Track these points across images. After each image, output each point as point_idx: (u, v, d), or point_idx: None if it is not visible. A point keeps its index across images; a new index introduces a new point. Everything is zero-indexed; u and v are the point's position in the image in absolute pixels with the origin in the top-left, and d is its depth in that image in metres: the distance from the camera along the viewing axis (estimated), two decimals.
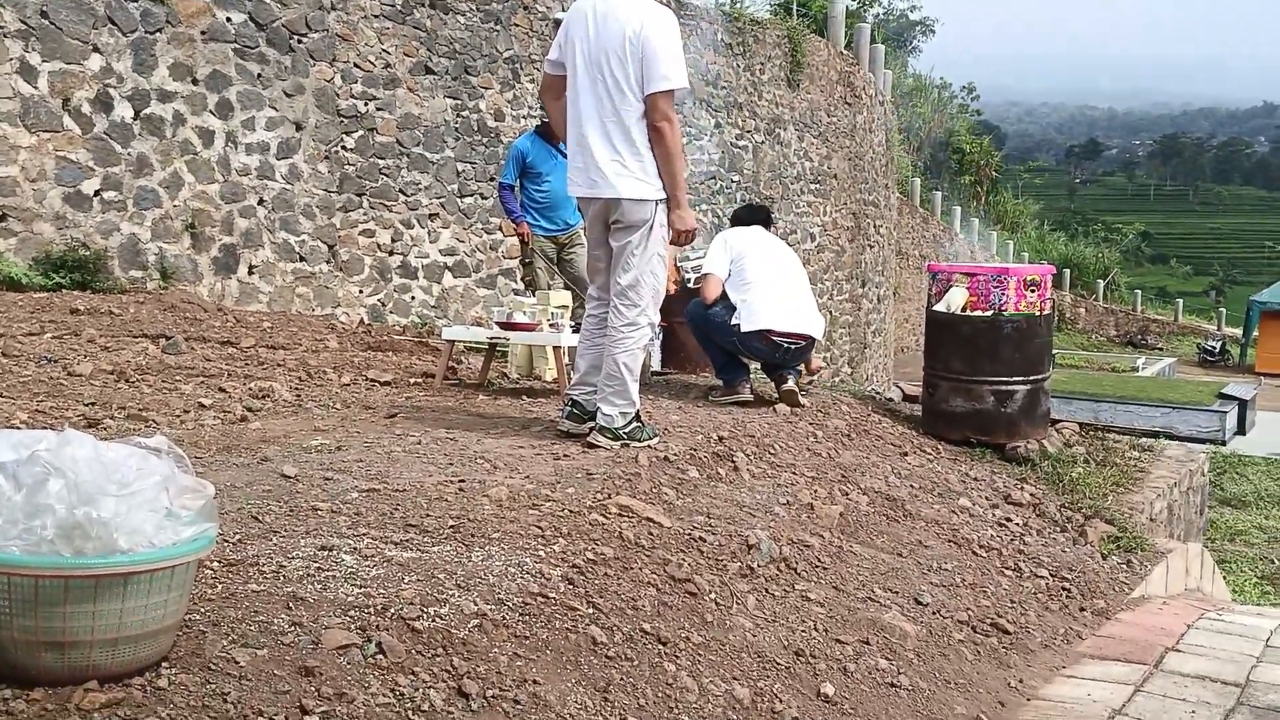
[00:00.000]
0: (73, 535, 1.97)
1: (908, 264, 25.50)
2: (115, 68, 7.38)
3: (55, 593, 1.95)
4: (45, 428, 3.98)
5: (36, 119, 6.99)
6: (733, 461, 4.69)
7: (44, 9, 7.00)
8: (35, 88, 6.99)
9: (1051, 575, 4.63)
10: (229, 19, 8.00)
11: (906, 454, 5.78)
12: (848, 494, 4.75)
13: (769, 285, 5.92)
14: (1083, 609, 4.47)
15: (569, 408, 4.60)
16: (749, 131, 14.18)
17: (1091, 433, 7.04)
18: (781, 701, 2.94)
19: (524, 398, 5.64)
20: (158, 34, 7.59)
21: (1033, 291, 6.03)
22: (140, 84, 7.51)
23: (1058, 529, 5.24)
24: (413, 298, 9.47)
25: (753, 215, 6.49)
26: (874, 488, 4.94)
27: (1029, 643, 3.99)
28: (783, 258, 6.17)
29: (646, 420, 4.68)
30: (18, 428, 3.94)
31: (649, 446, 4.43)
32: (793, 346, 5.91)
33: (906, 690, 3.26)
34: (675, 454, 4.50)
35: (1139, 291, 43.76)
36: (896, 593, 3.90)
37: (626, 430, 4.44)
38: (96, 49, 7.28)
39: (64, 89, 7.13)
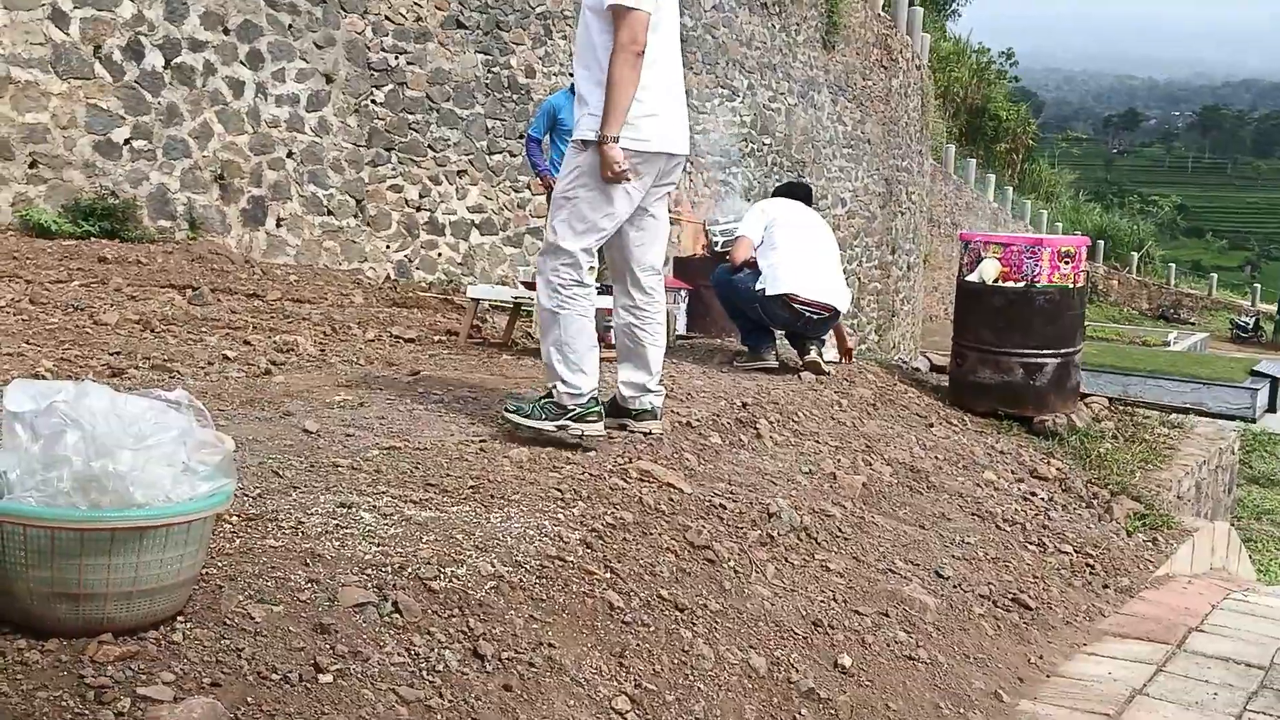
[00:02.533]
0: (89, 488, 1.97)
1: (939, 231, 25.22)
2: (147, 15, 7.33)
3: (71, 545, 1.94)
4: (70, 377, 3.99)
5: (68, 66, 6.97)
6: (755, 428, 4.65)
7: None
8: (67, 34, 6.97)
9: (1075, 551, 4.58)
10: None
11: (932, 425, 5.73)
12: (871, 464, 4.71)
13: (796, 252, 5.87)
14: (1106, 586, 4.42)
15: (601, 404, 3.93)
16: (782, 94, 14.00)
17: (1121, 408, 6.96)
18: (798, 671, 2.92)
19: None
20: None
21: (1067, 263, 5.94)
22: (171, 32, 7.47)
23: (1083, 505, 5.19)
24: (439, 254, 9.44)
25: (793, 191, 6.51)
26: (898, 458, 4.90)
27: (1050, 619, 3.95)
28: (815, 229, 6.13)
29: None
30: (44, 376, 3.95)
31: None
32: (815, 316, 5.85)
33: (925, 663, 3.24)
34: (698, 419, 4.47)
35: (1173, 265, 43.17)
36: (918, 565, 3.86)
37: None
38: None
39: (95, 36, 7.10)
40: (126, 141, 7.29)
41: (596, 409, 3.82)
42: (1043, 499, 5.06)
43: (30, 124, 6.84)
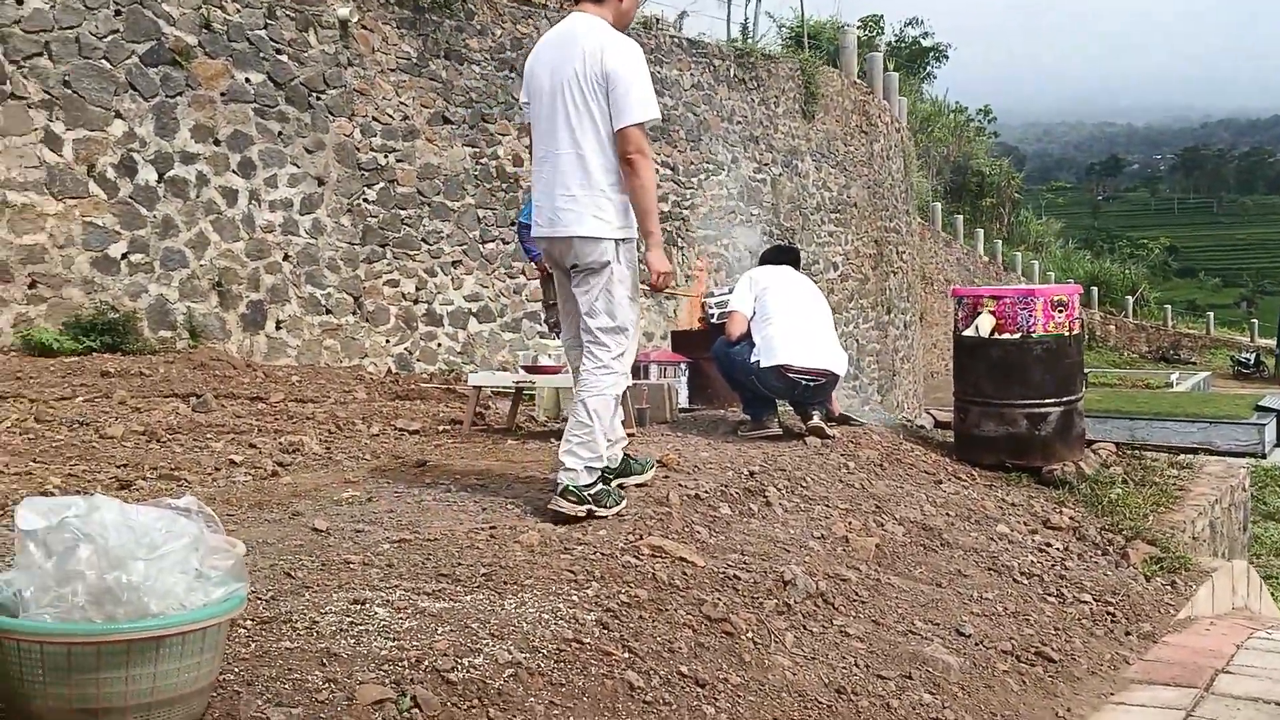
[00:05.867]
0: (104, 600, 1.97)
1: (933, 289, 25.39)
2: (138, 132, 7.49)
3: (88, 659, 1.94)
4: (78, 492, 4.00)
5: (62, 186, 7.10)
6: (764, 496, 4.65)
7: (66, 78, 7.12)
8: (60, 155, 7.11)
9: (1095, 600, 4.54)
10: (248, 79, 8.11)
11: (941, 482, 5.71)
12: (883, 525, 4.70)
13: (788, 321, 5.90)
14: (1128, 633, 4.38)
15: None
16: (766, 164, 14.21)
17: (1129, 452, 6.94)
18: None
19: (552, 440, 5.62)
20: (178, 97, 7.70)
21: (1060, 312, 5.98)
22: (163, 147, 7.62)
23: (1099, 552, 5.16)
24: (439, 345, 9.50)
25: (780, 255, 6.54)
26: (909, 517, 4.88)
27: (1075, 670, 3.91)
28: (805, 294, 6.16)
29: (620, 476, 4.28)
30: (51, 493, 3.96)
31: (618, 514, 3.97)
32: (811, 383, 5.88)
33: None
34: (706, 491, 4.46)
35: (1169, 306, 43.38)
36: (938, 624, 3.83)
37: (592, 492, 3.93)
38: (119, 115, 7.39)
39: (88, 155, 7.24)
40: (124, 256, 7.39)
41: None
42: (1058, 549, 5.03)
43: (28, 245, 6.94)
